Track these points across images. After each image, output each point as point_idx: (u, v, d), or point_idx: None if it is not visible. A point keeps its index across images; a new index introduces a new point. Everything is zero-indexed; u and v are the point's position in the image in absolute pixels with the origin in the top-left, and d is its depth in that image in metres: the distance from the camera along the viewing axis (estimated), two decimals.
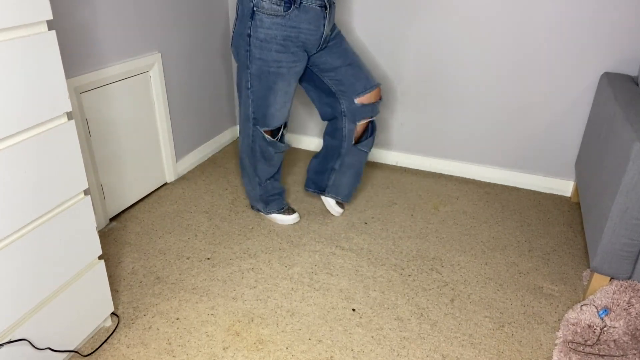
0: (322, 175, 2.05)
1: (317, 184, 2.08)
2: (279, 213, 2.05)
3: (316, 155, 2.07)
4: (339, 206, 2.12)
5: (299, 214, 2.11)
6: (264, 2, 1.58)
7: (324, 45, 1.75)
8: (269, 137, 1.84)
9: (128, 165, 2.08)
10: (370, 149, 1.97)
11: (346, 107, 1.86)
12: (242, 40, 1.67)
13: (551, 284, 1.73)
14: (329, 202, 2.10)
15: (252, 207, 2.10)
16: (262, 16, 1.60)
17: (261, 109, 1.76)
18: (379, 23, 2.32)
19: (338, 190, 2.05)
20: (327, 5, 1.67)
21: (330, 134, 1.97)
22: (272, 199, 2.03)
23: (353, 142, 1.93)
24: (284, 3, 1.58)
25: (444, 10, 2.19)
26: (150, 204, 2.18)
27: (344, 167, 1.98)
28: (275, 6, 1.58)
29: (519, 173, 2.37)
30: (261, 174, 1.95)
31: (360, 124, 1.89)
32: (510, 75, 2.20)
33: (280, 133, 1.88)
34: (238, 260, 1.82)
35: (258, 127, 1.81)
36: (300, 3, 1.60)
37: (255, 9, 1.60)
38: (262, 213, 2.08)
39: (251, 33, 1.63)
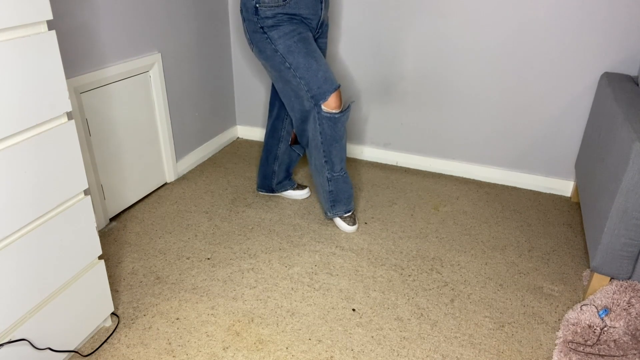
0: (269, 179, 2.20)
1: (268, 187, 2.23)
2: (343, 219, 2.01)
3: (260, 159, 2.20)
4: (300, 188, 2.23)
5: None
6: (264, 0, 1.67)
7: (319, 30, 1.84)
8: (336, 112, 1.77)
9: (128, 165, 2.08)
10: (303, 152, 2.14)
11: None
12: (258, 35, 1.73)
13: (551, 284, 1.73)
14: (290, 194, 2.23)
15: (326, 215, 2.04)
16: (265, 9, 1.68)
17: (312, 79, 1.73)
18: (379, 22, 2.32)
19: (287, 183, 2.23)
20: None
21: (270, 134, 2.10)
22: (339, 198, 1.97)
23: (290, 143, 2.11)
24: None
25: (444, 10, 2.19)
26: (150, 204, 2.18)
27: (282, 166, 2.17)
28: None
29: (519, 173, 2.37)
30: (336, 159, 1.86)
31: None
32: (510, 75, 2.20)
33: (345, 104, 1.87)
34: (238, 260, 1.82)
35: (320, 104, 1.75)
36: None
37: (257, 5, 1.68)
38: (328, 217, 2.03)
39: (262, 25, 1.71)
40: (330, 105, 1.75)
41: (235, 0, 2.56)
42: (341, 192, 1.94)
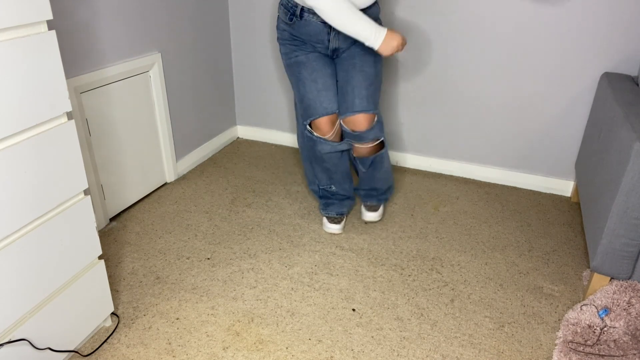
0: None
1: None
2: (329, 220, 2.00)
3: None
4: (371, 210, 2.06)
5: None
6: (280, 12, 1.74)
7: (334, 55, 1.79)
8: (315, 134, 1.79)
9: (128, 165, 2.08)
10: (366, 167, 1.91)
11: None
12: (278, 41, 1.83)
13: (551, 284, 1.73)
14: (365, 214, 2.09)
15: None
16: (280, 22, 1.77)
17: (302, 100, 1.80)
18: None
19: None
20: None
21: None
22: (330, 202, 2.01)
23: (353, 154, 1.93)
24: (289, 14, 1.71)
25: (444, 10, 2.19)
26: (150, 204, 2.18)
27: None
28: (285, 16, 1.73)
29: (519, 173, 2.37)
30: (320, 176, 1.95)
31: (358, 146, 1.84)
32: (511, 75, 2.20)
33: (333, 131, 1.79)
34: (238, 260, 1.83)
35: (304, 122, 1.82)
36: (302, 16, 1.69)
37: (278, 14, 1.77)
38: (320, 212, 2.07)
39: (278, 35, 1.81)
40: (315, 127, 1.80)
41: (235, 0, 2.56)
42: (330, 198, 2.00)
